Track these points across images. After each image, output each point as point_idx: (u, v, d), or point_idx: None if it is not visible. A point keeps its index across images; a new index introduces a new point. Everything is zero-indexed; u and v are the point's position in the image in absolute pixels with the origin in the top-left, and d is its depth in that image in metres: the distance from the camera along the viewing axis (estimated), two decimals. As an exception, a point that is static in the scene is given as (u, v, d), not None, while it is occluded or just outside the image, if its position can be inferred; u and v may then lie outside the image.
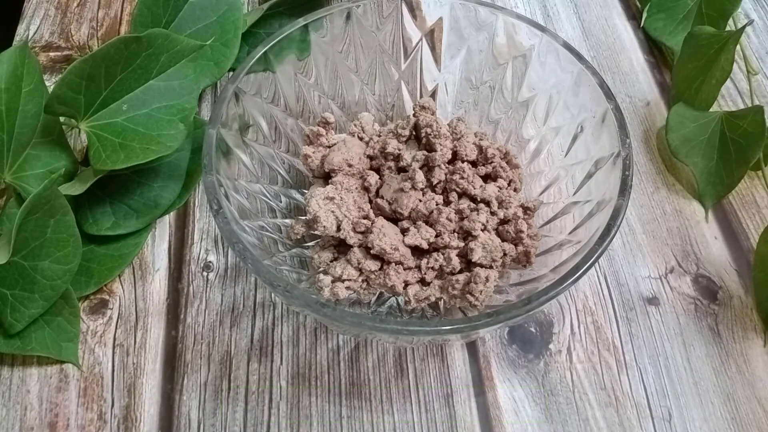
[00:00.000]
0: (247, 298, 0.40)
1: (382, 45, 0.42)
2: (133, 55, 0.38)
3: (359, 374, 0.37)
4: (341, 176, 0.39)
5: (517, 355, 0.38)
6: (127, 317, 0.39)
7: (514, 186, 0.39)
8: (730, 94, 0.50)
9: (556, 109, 0.40)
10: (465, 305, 0.35)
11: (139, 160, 0.38)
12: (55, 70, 0.50)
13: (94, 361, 0.37)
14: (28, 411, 0.36)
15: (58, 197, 0.36)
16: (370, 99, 0.44)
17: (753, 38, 0.54)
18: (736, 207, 0.45)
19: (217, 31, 0.45)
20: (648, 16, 0.53)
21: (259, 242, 0.35)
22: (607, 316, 0.40)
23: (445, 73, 0.44)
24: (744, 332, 0.39)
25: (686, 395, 0.37)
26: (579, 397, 0.37)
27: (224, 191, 0.34)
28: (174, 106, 0.40)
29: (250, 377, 0.37)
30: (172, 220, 0.43)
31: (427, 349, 0.38)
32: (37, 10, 0.54)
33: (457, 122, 0.41)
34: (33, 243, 0.35)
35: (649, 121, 0.49)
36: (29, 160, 0.39)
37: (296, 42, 0.39)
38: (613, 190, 0.33)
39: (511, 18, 0.39)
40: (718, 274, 0.42)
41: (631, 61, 0.52)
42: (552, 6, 0.56)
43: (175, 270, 0.41)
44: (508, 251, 0.36)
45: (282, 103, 0.41)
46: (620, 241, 0.43)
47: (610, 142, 0.35)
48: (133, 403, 0.36)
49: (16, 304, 0.36)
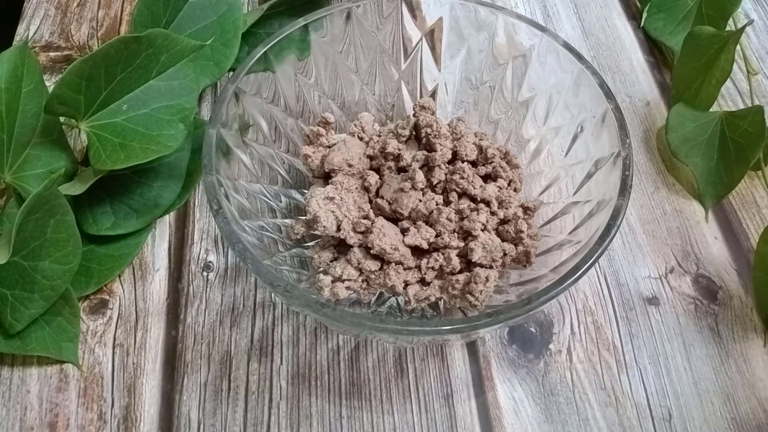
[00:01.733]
0: (247, 298, 0.40)
1: (382, 45, 0.42)
2: (133, 55, 0.38)
3: (359, 374, 0.37)
4: (341, 176, 0.39)
5: (517, 355, 0.38)
6: (127, 317, 0.39)
7: (514, 186, 0.39)
8: (730, 94, 0.50)
9: (556, 109, 0.40)
10: (465, 305, 0.35)
11: (139, 160, 0.38)
12: (55, 70, 0.50)
13: (94, 361, 0.37)
14: (28, 411, 0.36)
15: (58, 197, 0.36)
16: (370, 99, 0.44)
17: (753, 38, 0.54)
18: (736, 207, 0.45)
19: (217, 31, 0.45)
20: (648, 16, 0.53)
21: (259, 242, 0.35)
22: (607, 316, 0.40)
23: (445, 73, 0.44)
24: (744, 332, 0.39)
25: (686, 395, 0.37)
26: (579, 397, 0.37)
27: (224, 191, 0.34)
28: (174, 106, 0.40)
29: (250, 377, 0.37)
30: (172, 220, 0.43)
31: (427, 349, 0.38)
32: (37, 10, 0.54)
33: (457, 122, 0.41)
34: (33, 243, 0.35)
35: (649, 121, 0.49)
36: (29, 160, 0.39)
37: (296, 42, 0.39)
38: (613, 190, 0.33)
39: (511, 18, 0.39)
40: (718, 274, 0.42)
41: (631, 61, 0.52)
42: (552, 6, 0.56)
43: (175, 270, 0.41)
44: (508, 251, 0.36)
45: (282, 103, 0.41)
46: (620, 241, 0.43)
47: (610, 142, 0.35)
48: (133, 403, 0.36)
49: (16, 304, 0.36)
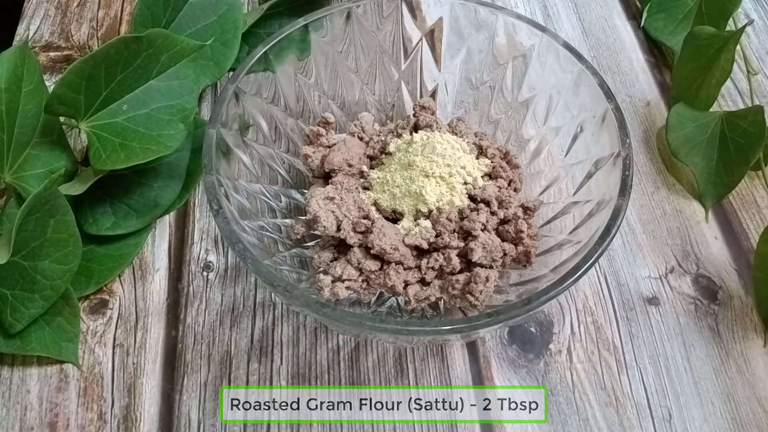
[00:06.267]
0: (247, 298, 0.40)
1: (382, 45, 0.42)
2: (133, 55, 0.38)
3: (359, 374, 0.37)
4: (341, 176, 0.39)
5: (517, 355, 0.38)
6: (127, 317, 0.39)
7: (514, 186, 0.39)
8: (730, 94, 0.50)
9: (556, 109, 0.40)
10: (465, 305, 0.35)
11: (139, 160, 0.38)
12: (55, 70, 0.50)
13: (94, 361, 0.37)
14: (28, 411, 0.36)
15: (58, 197, 0.36)
16: (370, 99, 0.44)
17: (753, 38, 0.54)
18: (736, 207, 0.45)
19: (217, 31, 0.45)
20: (648, 16, 0.53)
21: (259, 242, 0.35)
22: (607, 316, 0.40)
23: (445, 73, 0.44)
24: (744, 332, 0.39)
25: (686, 395, 0.37)
26: (579, 397, 0.37)
27: (224, 191, 0.34)
28: (174, 106, 0.40)
29: (250, 377, 0.37)
30: (172, 220, 0.43)
31: (427, 349, 0.38)
32: (37, 10, 0.54)
33: (457, 122, 0.41)
34: (33, 243, 0.35)
35: (649, 121, 0.49)
36: (29, 160, 0.39)
37: (296, 42, 0.39)
38: (613, 190, 0.33)
39: (511, 18, 0.39)
40: (718, 274, 0.42)
41: (631, 61, 0.52)
42: (552, 6, 0.56)
43: (175, 270, 0.41)
44: (508, 251, 0.36)
45: (282, 103, 0.41)
46: (620, 241, 0.43)
47: (610, 142, 0.35)
48: (133, 403, 0.36)
49: (16, 304, 0.36)
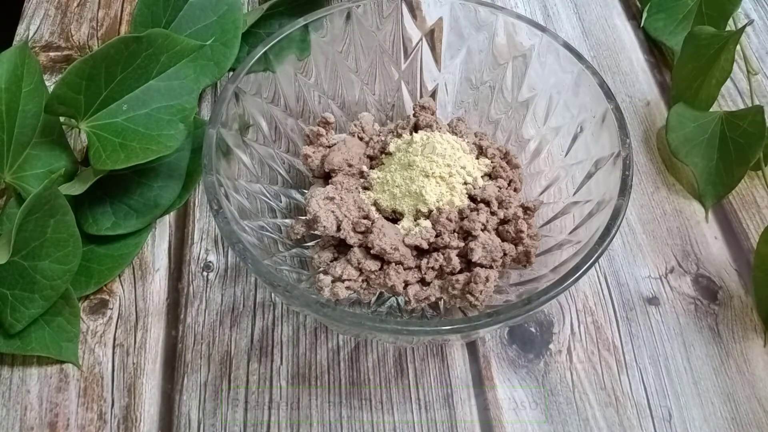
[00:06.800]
0: (247, 298, 0.40)
1: (382, 45, 0.42)
2: (133, 55, 0.38)
3: (359, 374, 0.37)
4: (341, 176, 0.39)
5: (517, 355, 0.38)
6: (127, 317, 0.39)
7: (514, 186, 0.39)
8: (730, 94, 0.50)
9: (556, 109, 0.40)
10: (465, 305, 0.35)
11: (139, 160, 0.38)
12: (55, 70, 0.50)
13: (94, 361, 0.37)
14: (28, 411, 0.36)
15: (58, 197, 0.36)
16: (370, 99, 0.44)
17: (753, 38, 0.54)
18: (736, 207, 0.45)
19: (217, 31, 0.45)
20: (648, 16, 0.53)
21: (259, 242, 0.35)
22: (607, 316, 0.40)
23: (445, 73, 0.44)
24: (744, 332, 0.39)
25: (686, 395, 0.37)
26: (579, 397, 0.37)
27: (224, 191, 0.34)
28: (174, 106, 0.40)
29: (250, 377, 0.37)
30: (172, 220, 0.43)
31: (427, 349, 0.38)
32: (37, 10, 0.54)
33: (457, 122, 0.41)
34: (33, 243, 0.35)
35: (649, 121, 0.49)
36: (29, 160, 0.39)
37: (296, 42, 0.39)
38: (613, 190, 0.33)
39: (511, 18, 0.39)
40: (718, 274, 0.42)
41: (631, 61, 0.52)
42: (552, 6, 0.56)
43: (175, 270, 0.41)
44: (508, 251, 0.36)
45: (282, 103, 0.41)
46: (620, 241, 0.43)
47: (610, 142, 0.35)
48: (133, 403, 0.36)
49: (16, 304, 0.36)
